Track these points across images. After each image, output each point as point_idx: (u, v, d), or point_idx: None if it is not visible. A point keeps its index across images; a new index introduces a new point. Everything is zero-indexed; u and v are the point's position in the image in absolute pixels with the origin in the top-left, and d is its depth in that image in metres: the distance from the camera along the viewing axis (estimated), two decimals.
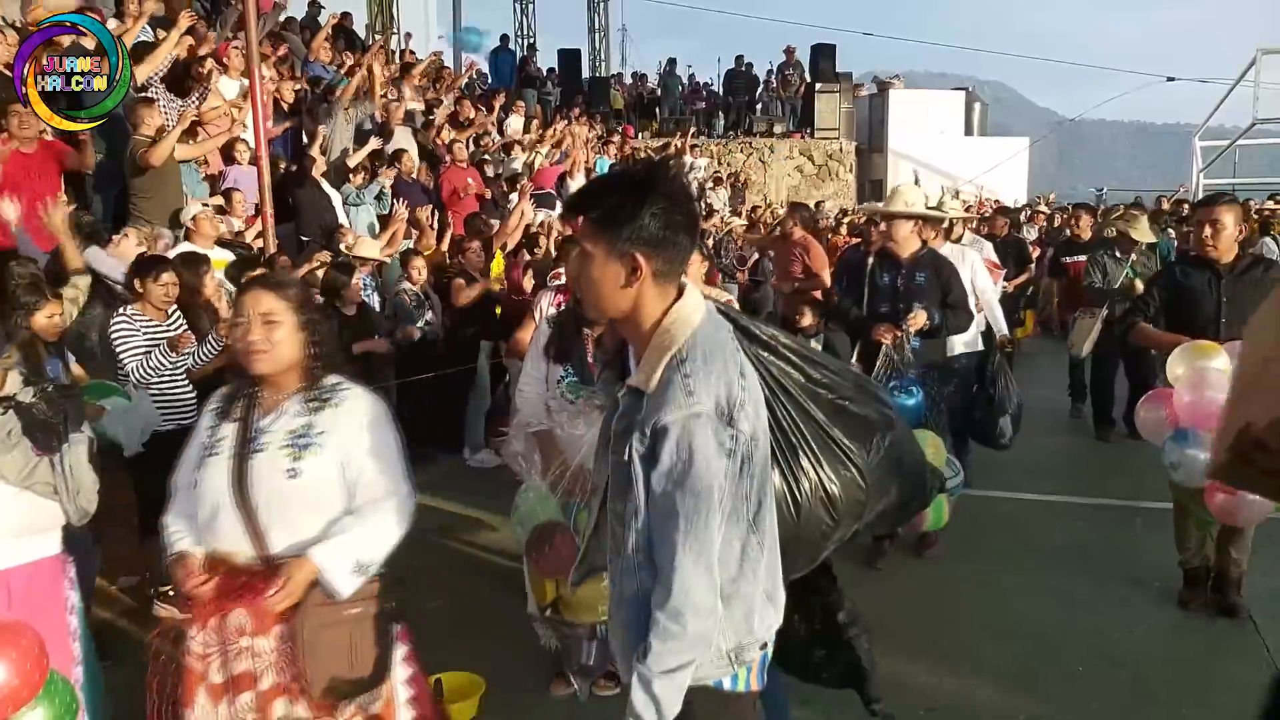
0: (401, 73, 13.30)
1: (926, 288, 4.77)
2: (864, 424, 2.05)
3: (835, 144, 21.83)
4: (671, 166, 1.79)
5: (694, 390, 1.65)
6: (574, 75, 22.08)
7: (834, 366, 2.07)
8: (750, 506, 1.73)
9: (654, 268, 1.70)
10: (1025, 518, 5.64)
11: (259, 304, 2.28)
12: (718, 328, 1.79)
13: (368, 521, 2.25)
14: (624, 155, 17.00)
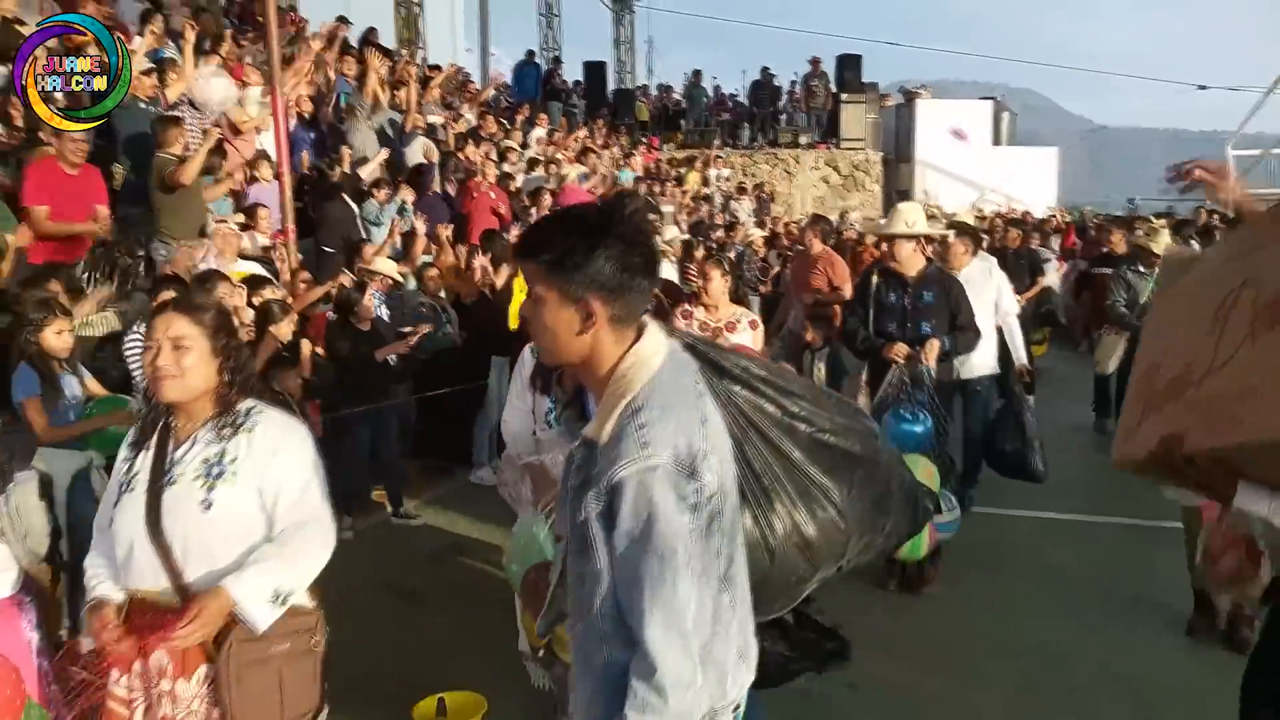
0: (422, 86, 13.46)
1: (935, 307, 4.71)
2: (846, 458, 1.91)
3: (861, 154, 21.75)
4: (628, 206, 1.69)
5: (649, 441, 1.52)
6: (599, 88, 22.21)
7: (813, 396, 1.93)
8: (721, 563, 1.59)
9: (610, 313, 1.61)
10: (1043, 536, 5.56)
11: (170, 328, 2.18)
12: (680, 371, 1.67)
13: (286, 549, 2.15)
14: (648, 167, 17.04)
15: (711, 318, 4.83)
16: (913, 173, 22.85)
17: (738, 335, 4.76)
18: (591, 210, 1.68)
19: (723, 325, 4.80)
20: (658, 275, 1.70)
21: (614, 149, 16.56)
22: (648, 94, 23.35)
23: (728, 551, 1.61)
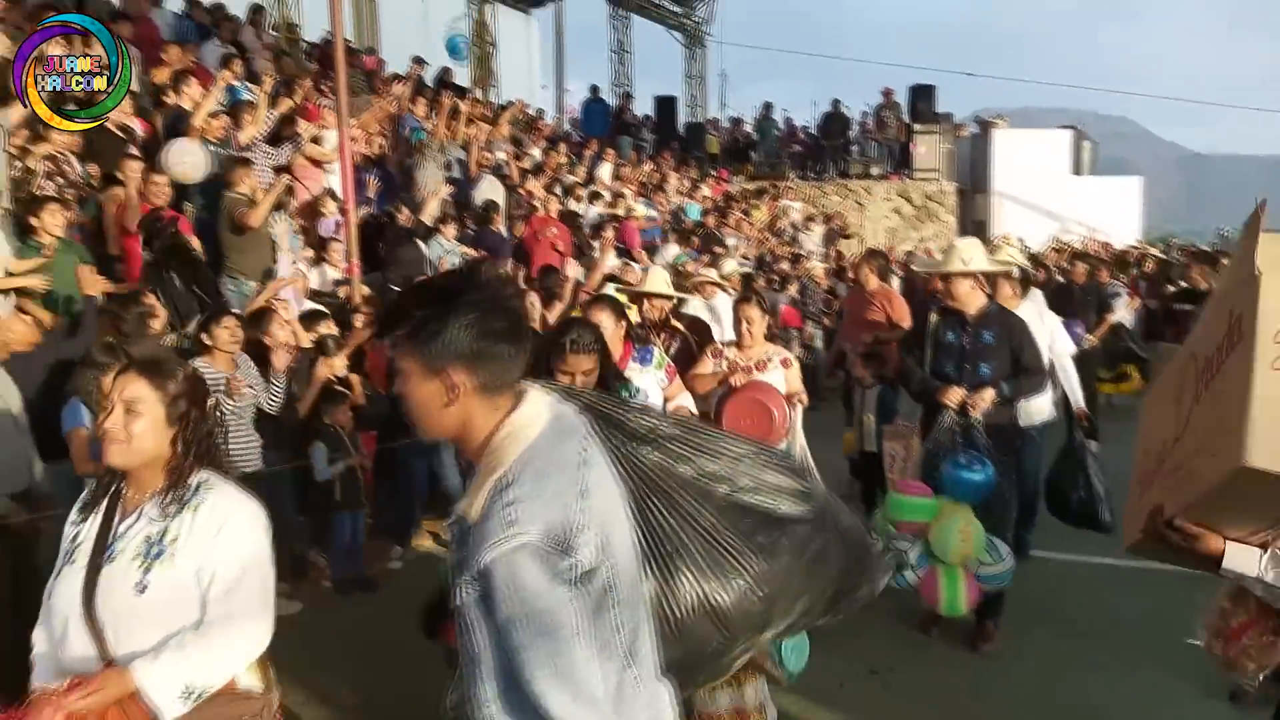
0: (492, 122, 13.79)
1: (995, 347, 4.48)
2: (770, 520, 1.76)
3: (935, 185, 21.46)
4: (484, 272, 1.64)
5: (516, 519, 1.44)
6: (670, 122, 22.41)
7: (737, 453, 1.80)
8: (623, 638, 1.50)
9: (475, 382, 1.55)
10: (1102, 584, 5.33)
11: (125, 389, 2.07)
12: (562, 440, 1.59)
13: (210, 642, 1.99)
14: (716, 199, 17.11)
15: (743, 356, 4.79)
16: (989, 204, 22.43)
17: (768, 374, 4.68)
18: (445, 278, 1.65)
19: (753, 364, 4.74)
20: (524, 341, 1.62)
21: (681, 182, 16.66)
22: (718, 127, 23.47)
23: (630, 625, 1.52)
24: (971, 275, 4.57)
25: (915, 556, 4.33)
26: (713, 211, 15.20)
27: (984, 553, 4.31)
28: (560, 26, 24.49)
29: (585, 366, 3.11)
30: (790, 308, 11.50)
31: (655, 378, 4.16)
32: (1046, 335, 5.40)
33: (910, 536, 4.37)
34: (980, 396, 4.37)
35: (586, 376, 3.10)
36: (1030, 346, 4.55)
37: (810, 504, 1.85)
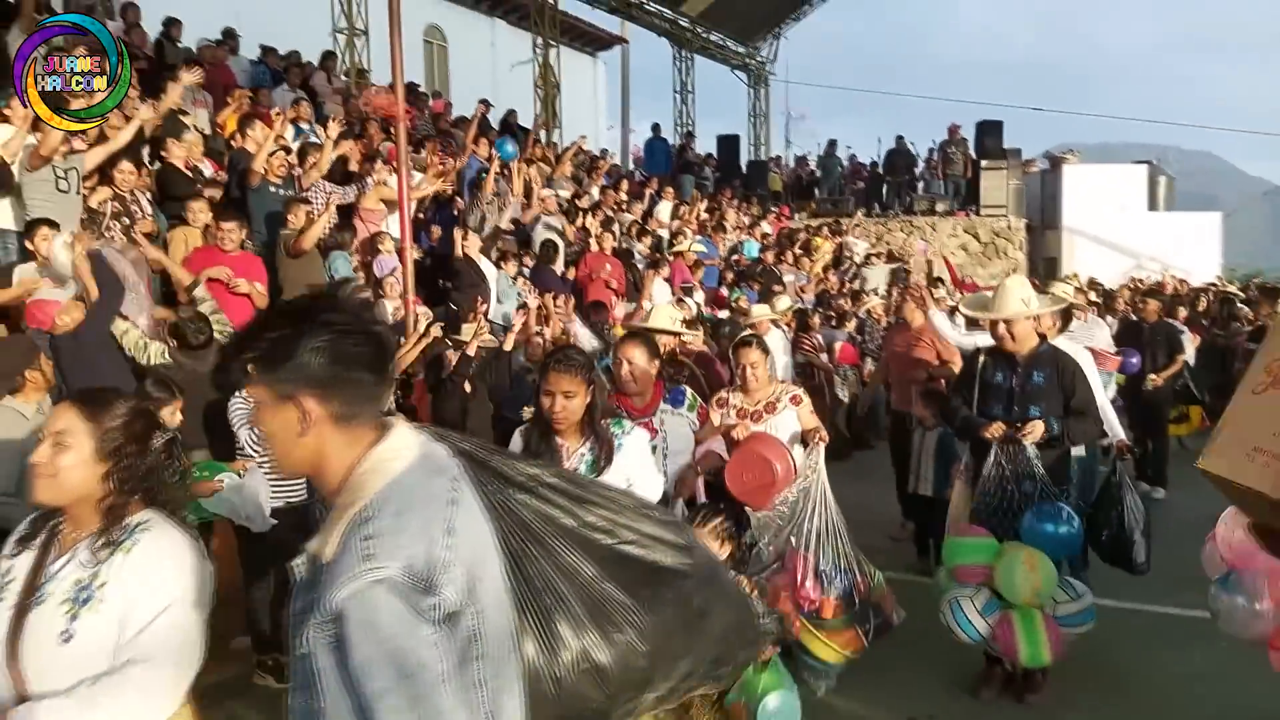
0: (554, 162, 14.02)
1: (1046, 389, 4.26)
2: (652, 573, 1.64)
3: (1002, 221, 21.08)
4: (343, 291, 1.55)
5: (374, 553, 1.32)
6: (733, 160, 22.50)
7: (620, 504, 1.69)
8: (487, 696, 1.37)
9: (330, 410, 1.44)
10: (1158, 635, 5.10)
11: (57, 421, 1.97)
12: (430, 476, 1.48)
13: (97, 692, 1.82)
14: (776, 234, 17.05)
15: (749, 400, 4.60)
16: (1059, 240, 21.96)
17: (778, 415, 4.51)
18: (299, 300, 1.54)
19: (761, 407, 4.56)
20: (387, 368, 1.54)
21: (741, 219, 16.67)
22: (780, 164, 23.48)
23: (494, 683, 1.39)
24: (1033, 317, 4.39)
25: (982, 604, 4.09)
26: (772, 248, 15.16)
27: (1058, 589, 4.07)
28: (626, 68, 24.95)
29: (565, 386, 3.05)
30: (848, 345, 11.36)
31: (686, 420, 4.03)
32: None
33: (972, 585, 4.16)
34: (1030, 427, 4.15)
35: (567, 399, 3.06)
36: (1084, 388, 4.33)
37: (693, 558, 1.73)
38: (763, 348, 4.70)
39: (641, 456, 3.31)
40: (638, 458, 3.28)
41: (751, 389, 4.60)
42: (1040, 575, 3.98)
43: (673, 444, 3.93)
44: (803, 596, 3.94)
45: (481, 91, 17.42)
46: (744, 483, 4.13)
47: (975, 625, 4.06)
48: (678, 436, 3.97)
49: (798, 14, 25.10)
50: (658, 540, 1.69)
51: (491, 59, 22.37)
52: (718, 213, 15.91)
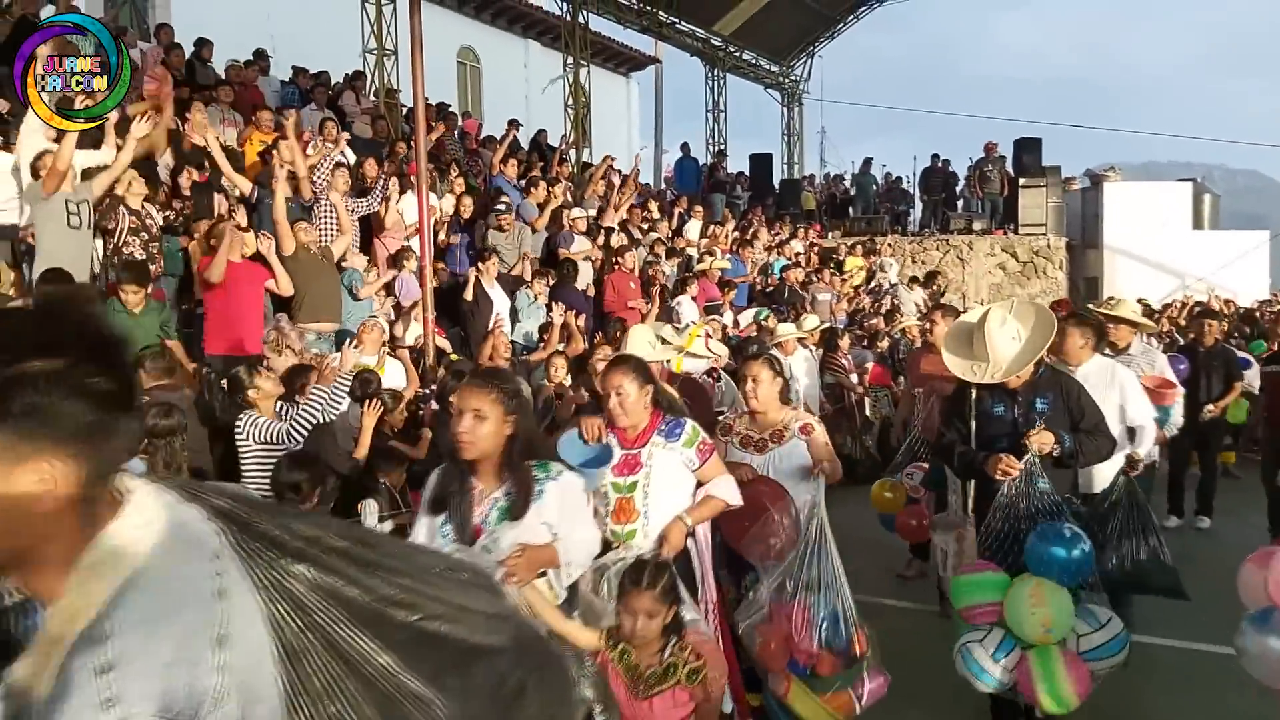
0: (582, 182, 13.97)
1: (1052, 416, 3.84)
2: (463, 654, 1.33)
3: (1042, 240, 20.67)
4: (81, 298, 1.22)
5: (118, 695, 0.96)
6: (765, 178, 22.36)
7: (424, 567, 1.38)
8: None
9: (77, 473, 1.05)
10: (1195, 674, 4.81)
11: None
12: (184, 558, 1.09)
13: None
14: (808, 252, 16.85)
15: (755, 428, 4.21)
16: (1101, 259, 21.49)
17: (785, 446, 4.12)
18: (24, 315, 1.11)
19: (767, 436, 4.16)
20: (136, 408, 1.14)
21: (771, 238, 16.50)
22: (814, 183, 23.29)
23: None
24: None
25: (994, 647, 3.60)
26: (802, 267, 14.96)
27: (1078, 621, 3.59)
28: (659, 88, 24.98)
29: (475, 404, 2.69)
30: (879, 365, 11.11)
31: (681, 456, 3.55)
32: (1116, 393, 4.71)
33: (984, 626, 3.68)
34: (1037, 434, 3.73)
35: (476, 419, 2.68)
36: (1092, 409, 3.94)
37: (511, 628, 1.45)
38: (773, 367, 4.27)
39: (568, 506, 2.84)
40: (562, 506, 2.81)
41: (755, 411, 4.22)
42: (1051, 608, 3.49)
43: (657, 483, 3.47)
44: (799, 650, 3.57)
45: (514, 112, 17.51)
46: (742, 530, 3.75)
47: (990, 672, 3.60)
48: (666, 476, 3.50)
49: (832, 32, 24.96)
50: (469, 611, 1.36)
51: (524, 79, 22.50)
52: (749, 231, 15.75)
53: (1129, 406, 4.74)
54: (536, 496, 2.77)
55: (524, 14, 21.94)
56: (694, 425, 3.60)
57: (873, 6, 24.19)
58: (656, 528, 3.44)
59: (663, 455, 3.50)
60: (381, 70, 13.92)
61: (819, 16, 24.00)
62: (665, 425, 3.56)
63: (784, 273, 13.62)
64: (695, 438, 3.57)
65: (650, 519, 3.45)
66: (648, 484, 3.45)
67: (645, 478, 3.46)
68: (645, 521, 3.44)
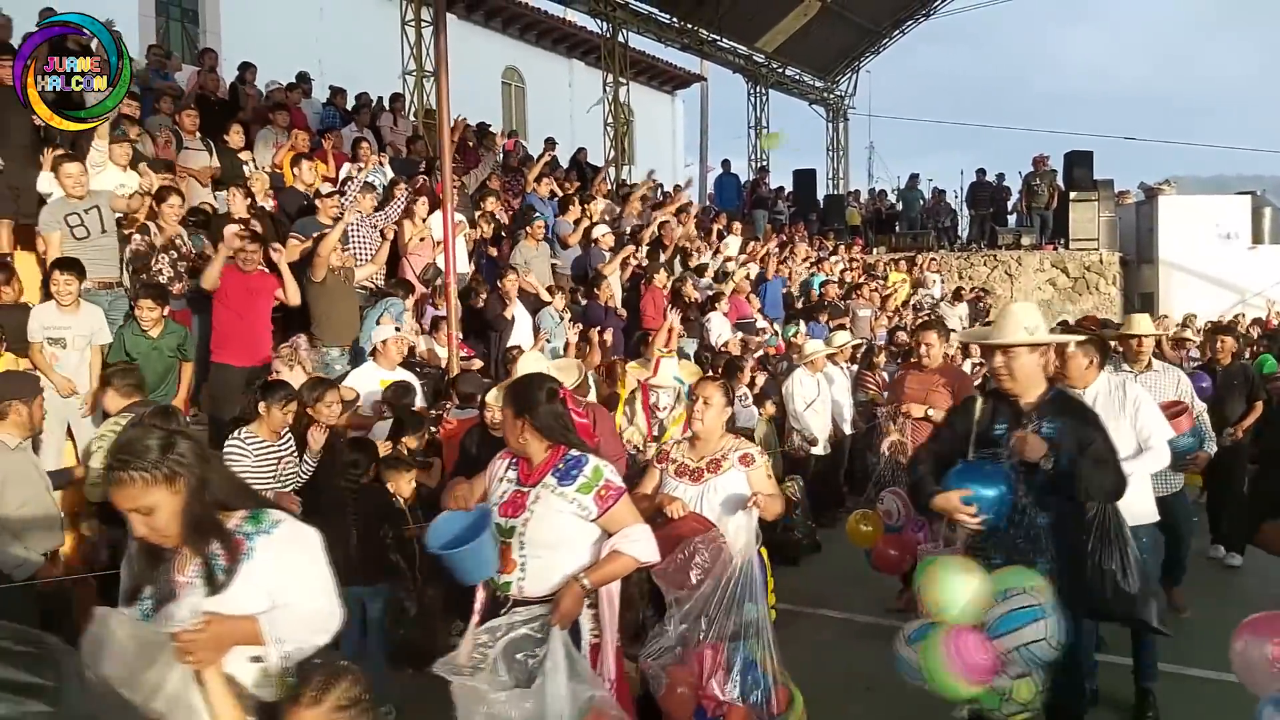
0: (623, 200, 14.01)
1: (1059, 442, 3.40)
2: None
3: (1094, 255, 20.21)
4: None
5: None
6: (809, 194, 22.22)
7: None
8: None
9: None
10: (1233, 706, 4.59)
11: None
12: None
13: None
14: (849, 270, 16.68)
15: (692, 455, 3.83)
16: (1156, 275, 20.93)
17: (722, 477, 3.75)
18: None
19: (704, 465, 3.79)
20: None
21: (811, 254, 16.38)
22: (858, 199, 23.09)
23: None
24: (1038, 349, 3.49)
25: (910, 632, 3.25)
26: (842, 283, 14.81)
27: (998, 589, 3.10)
28: (705, 106, 25.01)
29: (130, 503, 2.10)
30: None
31: (573, 505, 2.98)
32: (1130, 408, 4.38)
33: None
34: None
35: (147, 517, 2.11)
36: (1100, 436, 3.46)
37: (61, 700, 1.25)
38: (727, 392, 3.90)
39: (290, 566, 2.24)
40: (279, 567, 2.22)
41: (697, 436, 3.82)
42: (938, 587, 3.10)
43: (536, 531, 2.97)
44: (707, 696, 3.28)
45: (559, 131, 17.68)
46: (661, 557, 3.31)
47: (904, 658, 3.21)
48: (548, 525, 2.98)
49: (877, 47, 24.78)
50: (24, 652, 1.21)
51: (569, 99, 22.69)
52: (789, 247, 15.65)
53: (1139, 421, 4.39)
54: (245, 557, 2.19)
55: (568, 34, 22.15)
56: (598, 466, 3.05)
57: (919, 20, 23.97)
58: (535, 585, 2.96)
59: (551, 500, 2.99)
60: (421, 91, 14.15)
61: (863, 31, 23.86)
62: (563, 463, 3.03)
63: (823, 288, 13.49)
64: (595, 481, 3.00)
65: (528, 573, 2.97)
66: (524, 531, 2.97)
67: (524, 523, 2.98)
68: (522, 575, 2.97)
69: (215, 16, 15.14)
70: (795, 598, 6.48)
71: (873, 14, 23.27)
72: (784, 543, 7.56)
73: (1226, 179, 45.40)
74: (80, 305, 5.50)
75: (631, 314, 10.08)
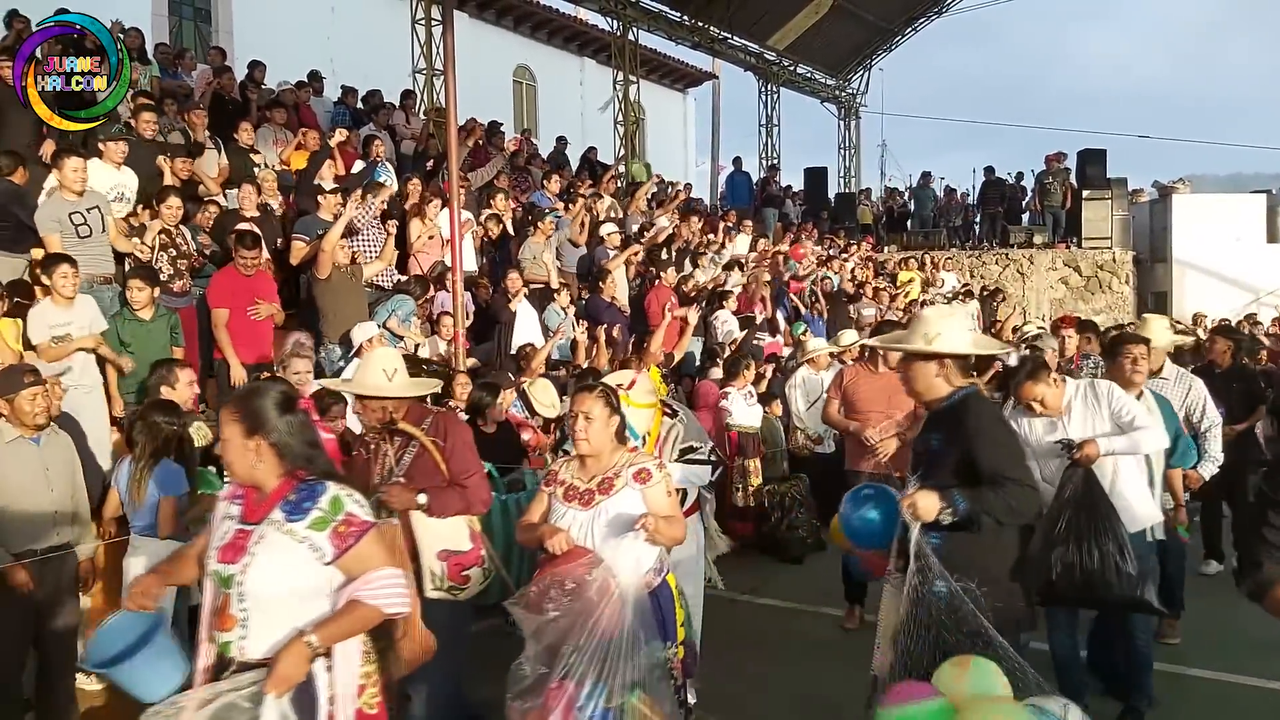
0: (629, 196, 14.02)
1: (941, 456, 3.14)
2: None
3: (1107, 254, 20.10)
4: None
5: None
6: (820, 192, 22.19)
7: None
8: None
9: None
10: (1234, 708, 4.59)
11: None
12: None
13: None
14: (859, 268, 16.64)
15: (582, 476, 3.35)
16: (1170, 274, 20.79)
17: (615, 498, 3.26)
18: None
19: (595, 486, 3.31)
20: None
21: (820, 250, 16.36)
22: (870, 197, 23.04)
23: None
24: (935, 358, 3.18)
25: None
26: (853, 281, 14.78)
27: None
28: (716, 104, 24.98)
29: None
30: None
31: (304, 544, 2.43)
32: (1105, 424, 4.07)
33: None
34: (908, 497, 3.02)
35: None
36: (991, 454, 3.06)
37: None
38: (609, 402, 3.37)
39: None
40: None
41: (585, 455, 3.34)
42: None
43: (257, 579, 2.43)
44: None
45: (570, 129, 17.71)
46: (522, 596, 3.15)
47: None
48: (272, 570, 2.43)
49: (889, 45, 24.70)
50: None
51: (580, 97, 22.72)
52: (797, 246, 15.62)
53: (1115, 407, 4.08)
54: None
55: (579, 32, 22.18)
56: (338, 496, 2.49)
57: (931, 18, 23.89)
58: (259, 645, 2.43)
59: (277, 539, 2.45)
60: (430, 89, 14.20)
61: (875, 29, 23.80)
62: (295, 494, 2.49)
63: (821, 284, 13.48)
64: (333, 515, 2.46)
65: (250, 630, 2.44)
66: (244, 578, 2.43)
67: (243, 570, 2.44)
68: (243, 634, 2.43)
69: (228, 15, 15.25)
70: (799, 596, 6.53)
71: (884, 11, 23.21)
72: (788, 541, 7.59)
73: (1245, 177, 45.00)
74: (76, 298, 5.54)
75: (636, 312, 10.09)
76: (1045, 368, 4.21)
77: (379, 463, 3.69)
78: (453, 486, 3.62)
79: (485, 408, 6.04)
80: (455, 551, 3.67)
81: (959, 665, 2.84)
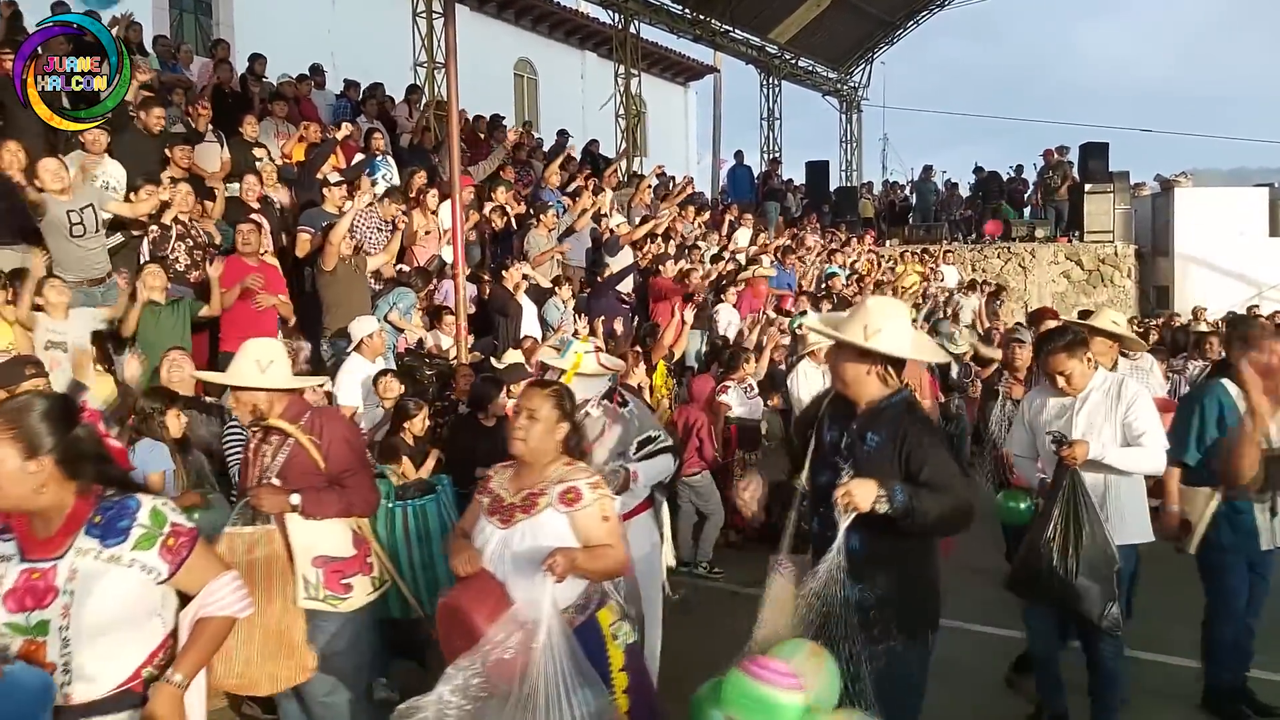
0: (633, 191, 14.01)
1: (878, 458, 2.91)
2: None
3: (1109, 247, 20.08)
4: None
5: None
6: (821, 186, 22.17)
7: None
8: None
9: None
10: None
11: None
12: None
13: None
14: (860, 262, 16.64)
15: (510, 487, 2.98)
16: (1172, 268, 20.77)
17: (537, 518, 2.86)
18: None
19: (519, 501, 2.92)
20: None
21: (822, 244, 16.36)
22: (872, 191, 23.02)
23: None
24: (870, 356, 2.94)
25: None
26: (854, 275, 14.78)
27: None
28: (718, 97, 24.94)
29: None
30: (931, 377, 10.87)
31: (133, 567, 2.16)
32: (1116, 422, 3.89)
33: None
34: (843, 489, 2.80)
35: None
36: (933, 459, 2.87)
37: None
38: (561, 405, 2.98)
39: None
40: None
41: (521, 459, 2.98)
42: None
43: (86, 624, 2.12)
44: None
45: (571, 123, 17.68)
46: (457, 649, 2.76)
47: None
48: (105, 609, 2.13)
49: (891, 38, 24.65)
50: None
51: (581, 90, 22.69)
52: (798, 239, 15.63)
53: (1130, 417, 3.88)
54: None
55: (580, 26, 22.15)
56: (155, 508, 2.22)
57: (933, 11, 23.83)
58: (90, 687, 2.15)
59: (98, 569, 2.13)
60: (432, 83, 14.19)
61: (877, 22, 23.75)
62: (102, 514, 2.17)
63: (829, 280, 13.47)
64: (158, 529, 2.19)
65: (75, 673, 2.13)
66: (65, 621, 2.10)
67: (62, 613, 2.10)
68: (66, 678, 2.12)
69: (228, 9, 15.23)
70: None
71: (886, 5, 23.16)
72: (792, 534, 7.59)
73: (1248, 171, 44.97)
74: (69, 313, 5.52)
75: (641, 308, 10.11)
76: (1084, 344, 3.94)
77: (256, 463, 3.47)
78: (331, 487, 3.36)
79: (487, 401, 6.04)
80: (334, 558, 3.37)
81: (817, 657, 2.72)
